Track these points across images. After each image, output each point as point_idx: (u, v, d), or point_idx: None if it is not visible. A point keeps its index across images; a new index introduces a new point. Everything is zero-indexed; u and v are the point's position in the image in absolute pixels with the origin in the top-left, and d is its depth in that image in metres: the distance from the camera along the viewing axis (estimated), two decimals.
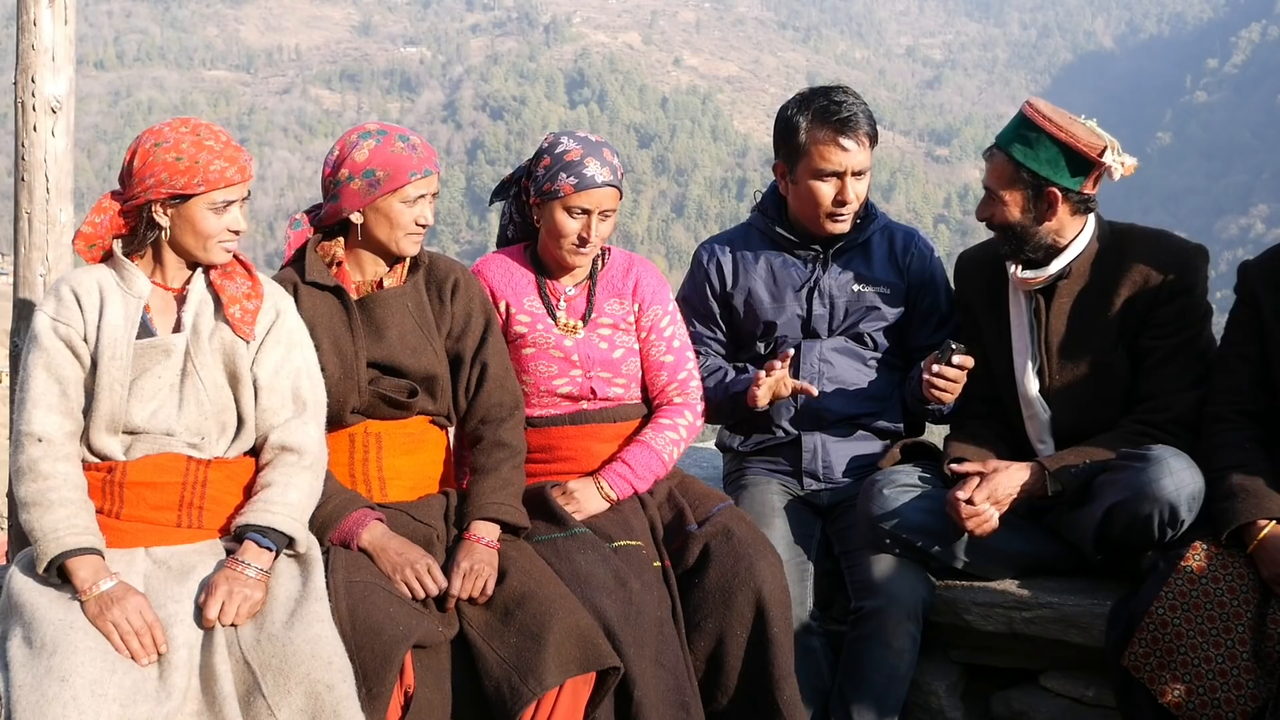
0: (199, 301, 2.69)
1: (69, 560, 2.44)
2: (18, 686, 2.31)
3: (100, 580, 2.43)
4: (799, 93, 3.40)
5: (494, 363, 2.98)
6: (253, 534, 2.56)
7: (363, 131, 2.89)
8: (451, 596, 2.70)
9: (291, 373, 2.73)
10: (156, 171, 2.58)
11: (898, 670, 3.03)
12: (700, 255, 3.56)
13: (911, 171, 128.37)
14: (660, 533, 3.03)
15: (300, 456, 2.68)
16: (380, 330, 2.89)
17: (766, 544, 2.99)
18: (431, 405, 2.94)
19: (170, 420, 2.60)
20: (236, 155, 2.63)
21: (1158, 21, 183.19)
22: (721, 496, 3.15)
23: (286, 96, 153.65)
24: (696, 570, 2.94)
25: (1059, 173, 3.02)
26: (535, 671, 2.56)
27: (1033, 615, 3.07)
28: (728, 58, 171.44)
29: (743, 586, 2.88)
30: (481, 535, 2.80)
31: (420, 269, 2.98)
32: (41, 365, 2.57)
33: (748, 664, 2.87)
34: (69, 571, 2.45)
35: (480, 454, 2.94)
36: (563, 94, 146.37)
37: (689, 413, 3.22)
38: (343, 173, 2.85)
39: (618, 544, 2.93)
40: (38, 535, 2.47)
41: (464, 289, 2.99)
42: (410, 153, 2.85)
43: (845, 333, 3.41)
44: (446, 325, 2.97)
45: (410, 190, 2.85)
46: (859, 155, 3.27)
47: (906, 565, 3.09)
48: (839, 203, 3.29)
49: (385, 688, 2.50)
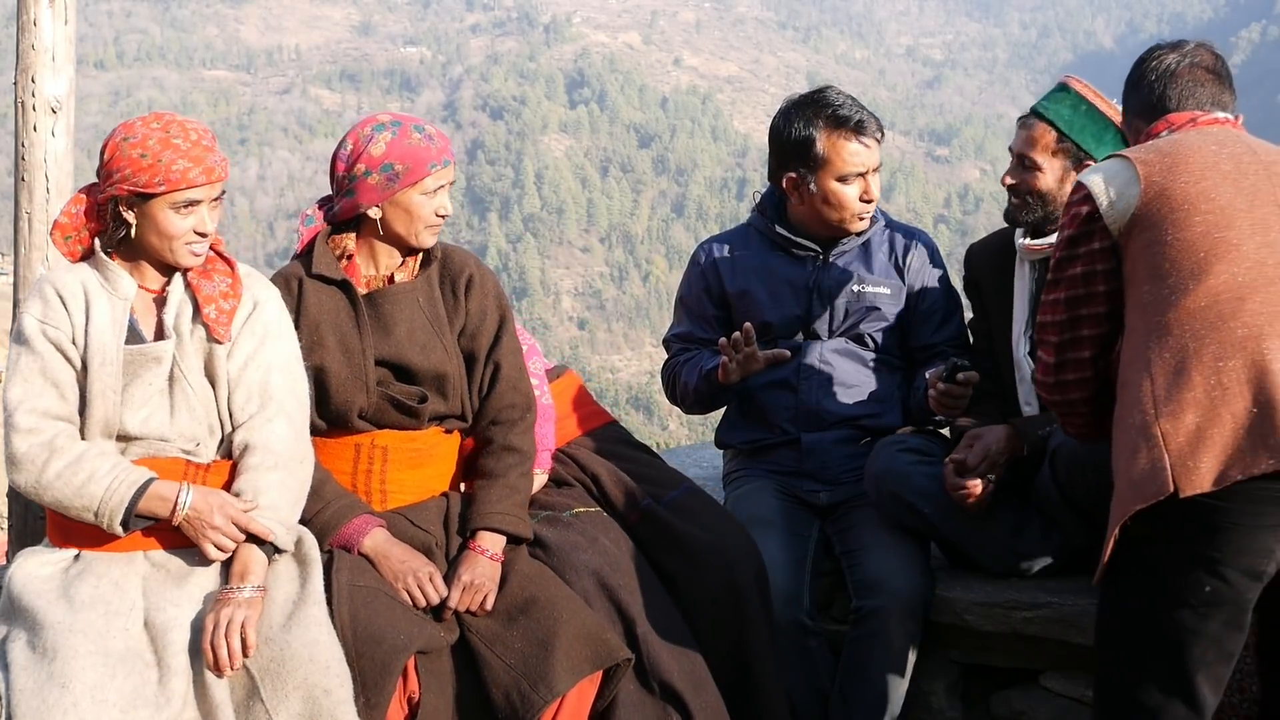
0: (179, 303, 2.63)
1: (141, 504, 2.44)
2: (18, 691, 2.29)
3: (177, 498, 2.46)
4: (792, 105, 3.38)
5: (507, 363, 2.89)
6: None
7: (376, 124, 2.81)
8: (449, 609, 2.66)
9: (261, 366, 2.64)
10: (122, 167, 2.52)
11: (899, 670, 3.03)
12: (698, 256, 3.56)
13: (911, 171, 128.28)
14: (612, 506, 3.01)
15: (264, 456, 2.57)
16: (388, 326, 2.80)
17: (736, 525, 2.99)
18: (443, 406, 2.84)
19: (163, 427, 2.56)
20: (203, 156, 2.54)
21: (1158, 21, 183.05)
22: (682, 478, 3.13)
23: (286, 96, 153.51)
24: (663, 550, 2.92)
25: (1102, 147, 3.09)
26: (545, 678, 2.53)
27: (1033, 615, 3.07)
28: (728, 58, 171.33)
29: (714, 571, 2.87)
30: (486, 547, 2.75)
31: (433, 263, 2.89)
32: (36, 370, 2.51)
33: (724, 652, 2.85)
34: (146, 512, 2.45)
35: (489, 457, 2.86)
36: (563, 94, 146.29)
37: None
38: (359, 168, 2.77)
39: (576, 510, 2.93)
40: (99, 494, 2.43)
41: (479, 284, 2.90)
42: (428, 144, 2.78)
43: (845, 334, 3.40)
44: (460, 322, 2.87)
45: (430, 182, 2.78)
46: (875, 152, 3.34)
47: (907, 565, 3.09)
48: (865, 201, 3.34)
49: (383, 696, 2.46)
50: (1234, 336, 2.31)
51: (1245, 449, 2.24)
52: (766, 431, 3.42)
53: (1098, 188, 2.52)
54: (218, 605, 2.42)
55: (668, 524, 2.95)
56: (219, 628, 2.38)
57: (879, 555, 3.11)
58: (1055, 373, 2.63)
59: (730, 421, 3.55)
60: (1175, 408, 2.30)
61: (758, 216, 3.52)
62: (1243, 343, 2.30)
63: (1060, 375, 2.63)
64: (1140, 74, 2.72)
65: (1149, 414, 2.33)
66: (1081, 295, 2.55)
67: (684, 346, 3.53)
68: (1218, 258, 2.37)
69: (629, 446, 3.25)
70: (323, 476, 2.75)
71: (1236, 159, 2.47)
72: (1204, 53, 2.70)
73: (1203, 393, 2.29)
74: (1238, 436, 2.25)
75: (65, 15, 3.39)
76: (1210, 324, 2.33)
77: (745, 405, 3.46)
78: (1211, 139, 2.53)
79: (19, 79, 3.37)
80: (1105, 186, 2.51)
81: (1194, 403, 2.29)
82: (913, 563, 3.11)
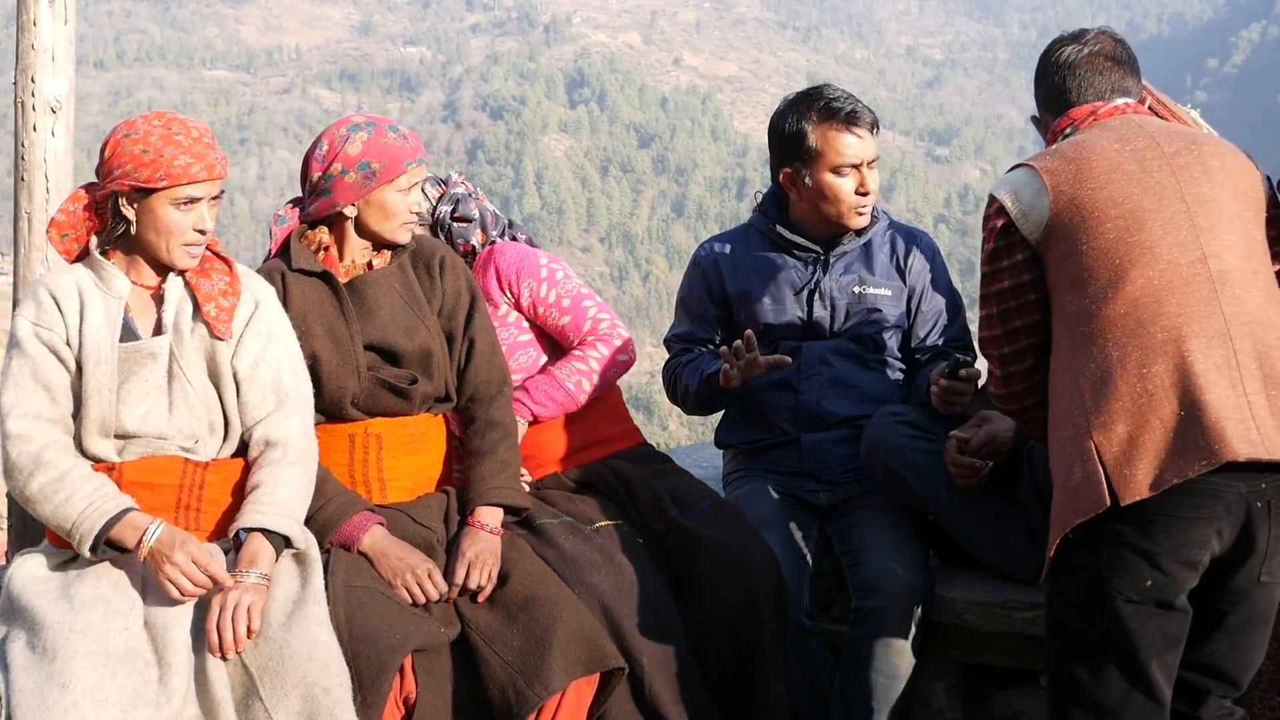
0: (178, 300, 2.65)
1: (112, 532, 2.42)
2: (18, 691, 2.29)
3: (145, 531, 2.42)
4: (787, 102, 3.41)
5: (481, 339, 2.97)
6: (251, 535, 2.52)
7: (351, 125, 2.89)
8: (456, 585, 2.69)
9: (272, 364, 2.68)
10: (123, 163, 2.54)
11: (898, 670, 3.03)
12: (699, 256, 3.56)
13: (911, 171, 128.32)
14: (640, 515, 3.03)
15: (285, 451, 2.63)
16: (372, 311, 2.88)
17: (758, 537, 2.99)
18: (430, 387, 2.91)
19: (162, 424, 2.57)
20: (205, 153, 2.57)
21: (1158, 21, 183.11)
22: (709, 492, 3.14)
23: (286, 96, 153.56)
24: (686, 561, 2.94)
25: None
26: (541, 675, 2.55)
27: (1033, 615, 3.07)
28: (728, 58, 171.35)
29: (733, 581, 2.87)
30: (485, 522, 2.80)
31: (405, 250, 2.98)
32: (28, 373, 2.52)
33: (737, 658, 2.86)
34: (117, 541, 2.44)
35: (475, 435, 2.93)
36: (563, 94, 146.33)
37: (601, 345, 3.19)
38: (335, 167, 2.84)
39: (598, 525, 2.95)
40: (73, 516, 2.43)
41: (451, 266, 3.00)
42: (403, 143, 2.87)
43: (846, 334, 3.40)
44: (438, 302, 2.96)
45: (404, 180, 2.86)
46: (870, 144, 3.33)
47: (907, 565, 3.09)
48: (861, 194, 3.33)
49: (380, 696, 2.47)
50: (1154, 341, 2.33)
51: (1177, 452, 2.26)
52: (766, 432, 3.42)
53: (1008, 200, 2.53)
54: (225, 591, 2.43)
55: (691, 535, 2.96)
56: (225, 611, 2.39)
57: (879, 555, 3.11)
58: (1005, 385, 2.66)
59: (730, 422, 3.55)
60: (1106, 419, 2.32)
61: (759, 217, 3.52)
62: (1163, 347, 2.32)
63: (1010, 387, 2.66)
64: (1044, 69, 2.72)
65: (1080, 426, 2.36)
66: (1013, 307, 2.57)
67: (685, 347, 3.53)
68: (1132, 263, 2.38)
69: (658, 461, 3.28)
70: (323, 474, 2.78)
71: (1140, 156, 2.47)
72: (1104, 40, 2.70)
73: (1130, 401, 2.31)
74: (1169, 441, 2.27)
75: (65, 15, 3.39)
76: (1131, 331, 2.35)
77: (745, 405, 3.46)
78: (1114, 135, 2.52)
79: (19, 79, 3.38)
80: (1015, 198, 2.52)
81: (1123, 412, 2.31)
82: (913, 563, 3.10)
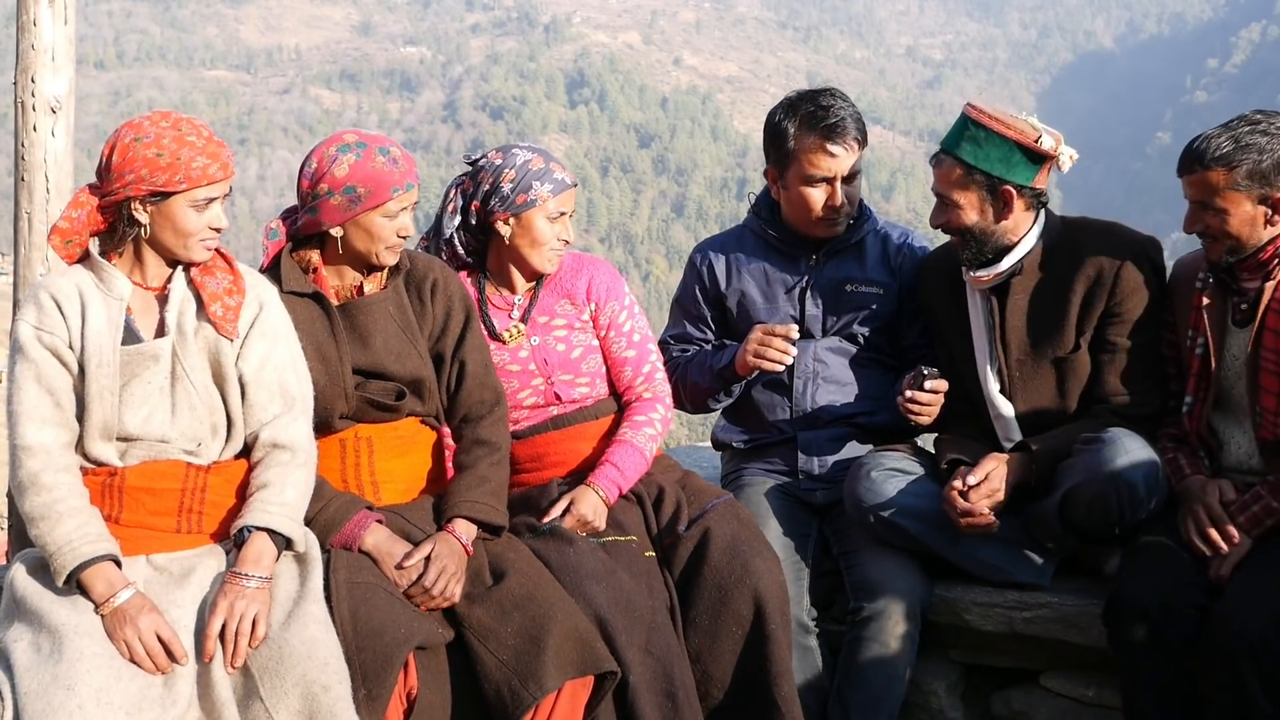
0: (181, 301, 2.62)
1: (84, 574, 2.40)
2: (24, 693, 2.28)
3: (116, 593, 2.40)
4: (787, 97, 3.41)
5: (472, 360, 2.95)
6: (255, 533, 2.52)
7: (341, 144, 2.81)
8: (423, 587, 2.65)
9: (278, 367, 2.67)
10: (136, 168, 2.49)
11: (897, 670, 3.03)
12: (694, 257, 3.58)
13: (911, 171, 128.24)
14: (655, 528, 3.03)
15: (293, 454, 2.63)
16: (364, 338, 2.85)
17: (763, 540, 2.99)
18: (420, 407, 2.91)
19: (164, 427, 2.55)
20: (219, 151, 2.55)
21: (1158, 21, 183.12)
22: (719, 492, 3.14)
23: (286, 96, 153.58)
24: (694, 566, 2.94)
25: (1012, 170, 3.03)
26: (535, 675, 2.56)
27: (1033, 615, 3.07)
28: (728, 58, 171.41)
29: (740, 583, 2.88)
30: (459, 534, 2.78)
31: (400, 272, 2.93)
32: (31, 377, 2.50)
33: (745, 661, 2.87)
34: (85, 585, 2.41)
35: (461, 452, 2.93)
36: (563, 94, 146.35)
37: (660, 406, 3.22)
38: (321, 187, 2.79)
39: (606, 539, 2.95)
40: (51, 549, 2.42)
41: (443, 287, 2.96)
42: (392, 167, 2.79)
43: (839, 333, 3.41)
44: (428, 326, 2.93)
45: (392, 205, 2.79)
46: (847, 160, 3.29)
47: (905, 565, 3.10)
48: (829, 208, 3.30)
49: (385, 690, 2.48)
50: None
51: None
52: (762, 431, 3.43)
53: None
54: (226, 592, 2.43)
55: (699, 545, 2.95)
56: (230, 621, 2.40)
57: (877, 556, 3.11)
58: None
59: (726, 421, 3.56)
60: None
61: (753, 218, 3.53)
62: None
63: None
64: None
65: None
66: None
67: (682, 348, 3.54)
68: None
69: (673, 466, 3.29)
70: (318, 479, 2.77)
71: None
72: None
73: None
74: None
75: (65, 15, 3.40)
76: None
77: (741, 405, 3.47)
78: None
79: (19, 79, 3.38)
80: None
81: None
82: (910, 564, 3.11)
